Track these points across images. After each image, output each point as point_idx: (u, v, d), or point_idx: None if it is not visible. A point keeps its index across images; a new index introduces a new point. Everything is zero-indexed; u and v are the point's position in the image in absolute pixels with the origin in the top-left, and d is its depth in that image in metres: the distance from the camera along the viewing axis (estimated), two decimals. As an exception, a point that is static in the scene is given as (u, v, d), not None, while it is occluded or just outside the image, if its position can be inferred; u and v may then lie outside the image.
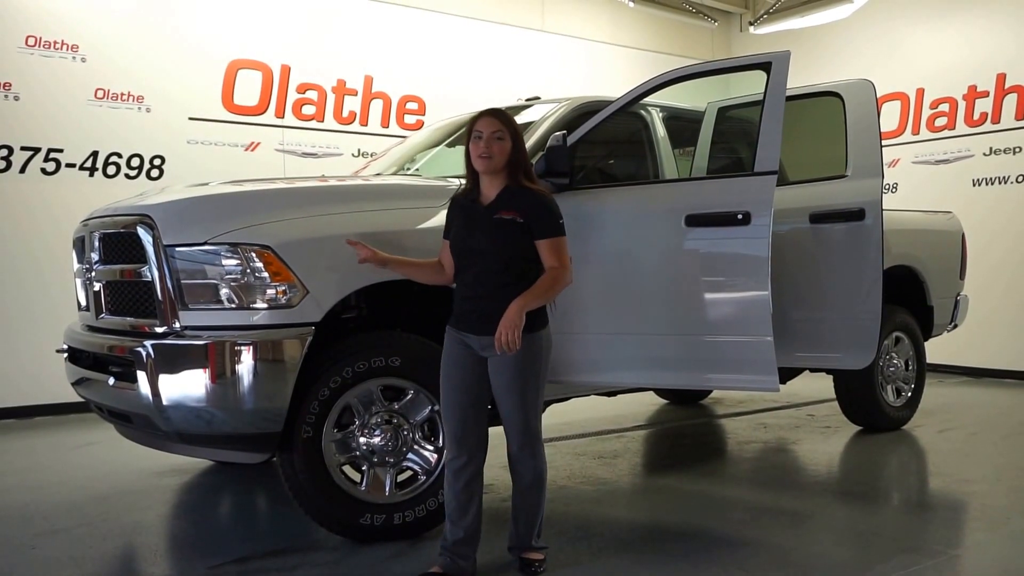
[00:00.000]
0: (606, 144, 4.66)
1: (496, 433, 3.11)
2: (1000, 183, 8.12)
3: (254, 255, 3.17)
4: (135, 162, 6.79)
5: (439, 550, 3.05)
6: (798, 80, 4.62)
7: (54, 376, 4.57)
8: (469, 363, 3.02)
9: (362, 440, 3.38)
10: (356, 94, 7.88)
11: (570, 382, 3.92)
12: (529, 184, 3.01)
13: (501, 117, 3.01)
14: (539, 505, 3.09)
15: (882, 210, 4.38)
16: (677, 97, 4.60)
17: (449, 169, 4.28)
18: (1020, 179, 8.01)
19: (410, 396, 3.45)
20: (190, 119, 7.02)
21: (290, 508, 3.74)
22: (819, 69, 8.55)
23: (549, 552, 3.18)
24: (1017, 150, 8.01)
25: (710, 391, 7.04)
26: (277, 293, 3.19)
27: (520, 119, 4.43)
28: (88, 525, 3.79)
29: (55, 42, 6.48)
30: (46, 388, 6.18)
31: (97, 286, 3.66)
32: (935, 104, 8.59)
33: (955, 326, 6.32)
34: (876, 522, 3.81)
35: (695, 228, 3.59)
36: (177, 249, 3.22)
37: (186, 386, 3.13)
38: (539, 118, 4.26)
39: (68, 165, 6.53)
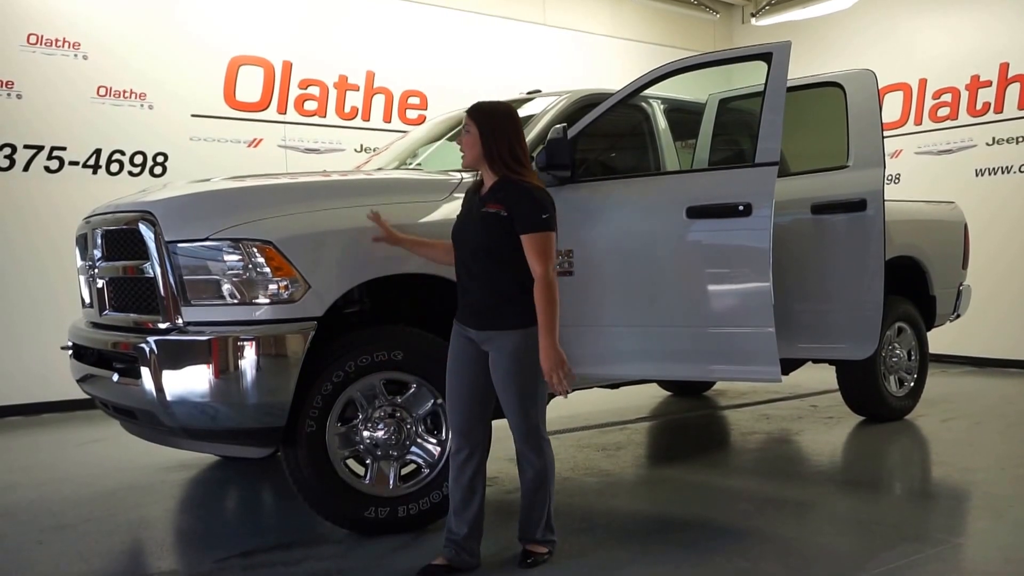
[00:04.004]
0: (607, 137, 4.65)
1: (501, 426, 3.13)
2: (1003, 173, 8.10)
3: (256, 250, 3.18)
4: (138, 159, 6.81)
5: (443, 541, 3.07)
6: (800, 71, 4.61)
7: (60, 373, 4.59)
8: (472, 356, 3.02)
9: (366, 434, 3.39)
10: (358, 89, 7.88)
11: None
12: (520, 176, 2.92)
13: (469, 110, 2.99)
14: (543, 501, 3.06)
15: (884, 200, 4.37)
16: (679, 89, 4.60)
17: (451, 163, 4.28)
18: (1023, 169, 7.98)
19: (413, 390, 3.47)
20: (192, 116, 7.04)
21: (295, 502, 3.76)
22: (821, 60, 8.53)
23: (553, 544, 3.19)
24: (1020, 140, 7.99)
25: (713, 383, 7.05)
26: (279, 288, 3.20)
27: (521, 112, 4.43)
28: (94, 520, 3.82)
29: (57, 40, 6.49)
30: (52, 385, 6.20)
31: (100, 283, 3.67)
32: (937, 94, 8.57)
33: (958, 316, 6.32)
34: (879, 511, 3.82)
35: (696, 220, 3.59)
36: (179, 245, 3.23)
37: (190, 381, 3.15)
38: (540, 111, 4.27)
39: (71, 163, 6.55)
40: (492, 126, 2.94)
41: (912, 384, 5.91)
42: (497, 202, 2.90)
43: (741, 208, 3.48)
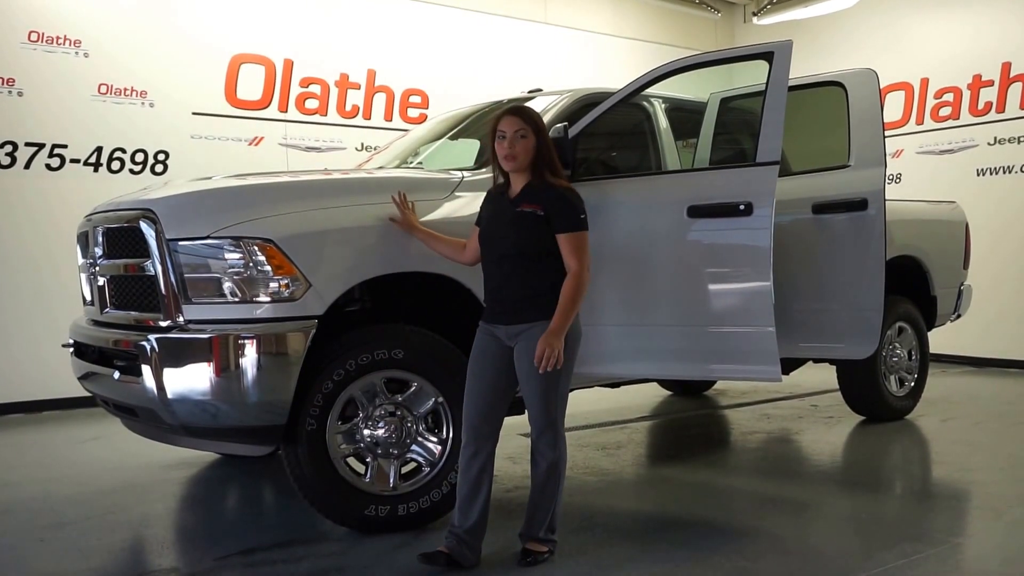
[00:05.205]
0: (608, 136, 4.66)
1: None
2: (1005, 172, 8.10)
3: (256, 249, 3.18)
4: (139, 157, 6.81)
5: (446, 533, 3.08)
6: (802, 70, 4.61)
7: (61, 371, 4.59)
8: (496, 353, 3.06)
9: (366, 432, 3.40)
10: (359, 88, 7.88)
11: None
12: (553, 180, 3.04)
13: (523, 115, 3.05)
14: (551, 497, 3.08)
15: (885, 200, 4.37)
16: (680, 88, 4.60)
17: (452, 162, 4.29)
18: (1024, 168, 7.99)
19: (414, 388, 3.47)
20: (193, 114, 7.04)
21: (295, 500, 3.76)
22: (823, 59, 8.51)
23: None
24: (1022, 139, 7.98)
25: (713, 382, 7.06)
26: (280, 286, 3.20)
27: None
28: (96, 518, 3.82)
29: (58, 37, 6.49)
30: (54, 383, 6.20)
31: (101, 281, 3.68)
32: (939, 94, 8.56)
33: (958, 316, 6.31)
34: (878, 511, 3.82)
35: (697, 219, 3.60)
36: (180, 243, 3.23)
37: (190, 379, 3.15)
38: (541, 110, 4.26)
39: (72, 161, 6.55)
40: (544, 132, 3.06)
41: (912, 384, 5.91)
42: (533, 203, 2.99)
43: (742, 207, 3.48)
